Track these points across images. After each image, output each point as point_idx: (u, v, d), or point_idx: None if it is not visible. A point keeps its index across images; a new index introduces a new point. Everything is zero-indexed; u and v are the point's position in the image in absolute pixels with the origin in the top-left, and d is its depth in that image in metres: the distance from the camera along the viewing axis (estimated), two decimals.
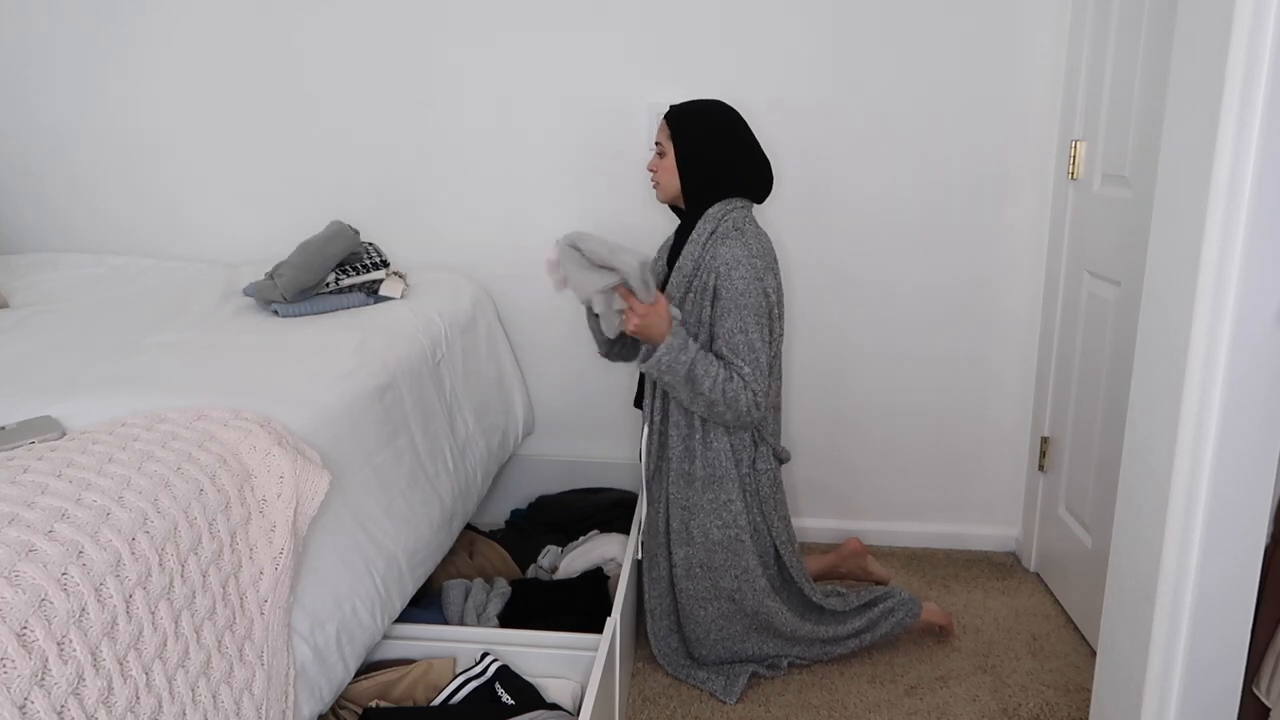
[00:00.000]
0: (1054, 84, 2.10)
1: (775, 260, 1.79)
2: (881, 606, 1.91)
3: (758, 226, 1.79)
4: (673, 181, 1.79)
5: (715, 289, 1.70)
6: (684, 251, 1.76)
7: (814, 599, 1.88)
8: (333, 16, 2.26)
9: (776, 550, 1.86)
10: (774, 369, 1.80)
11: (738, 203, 1.77)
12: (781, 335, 1.81)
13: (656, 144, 1.81)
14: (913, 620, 1.93)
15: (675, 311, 1.70)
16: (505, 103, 2.27)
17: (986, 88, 2.13)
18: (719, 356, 1.71)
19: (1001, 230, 2.21)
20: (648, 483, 1.87)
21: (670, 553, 1.85)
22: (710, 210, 1.76)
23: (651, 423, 1.83)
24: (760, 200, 1.82)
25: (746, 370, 1.69)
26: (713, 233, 1.74)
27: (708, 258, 1.73)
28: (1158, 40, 1.67)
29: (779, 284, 1.77)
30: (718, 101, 1.81)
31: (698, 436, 1.78)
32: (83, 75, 2.38)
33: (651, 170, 1.83)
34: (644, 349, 1.70)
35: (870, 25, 2.12)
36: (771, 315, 1.74)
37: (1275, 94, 1.05)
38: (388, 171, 2.35)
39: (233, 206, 2.42)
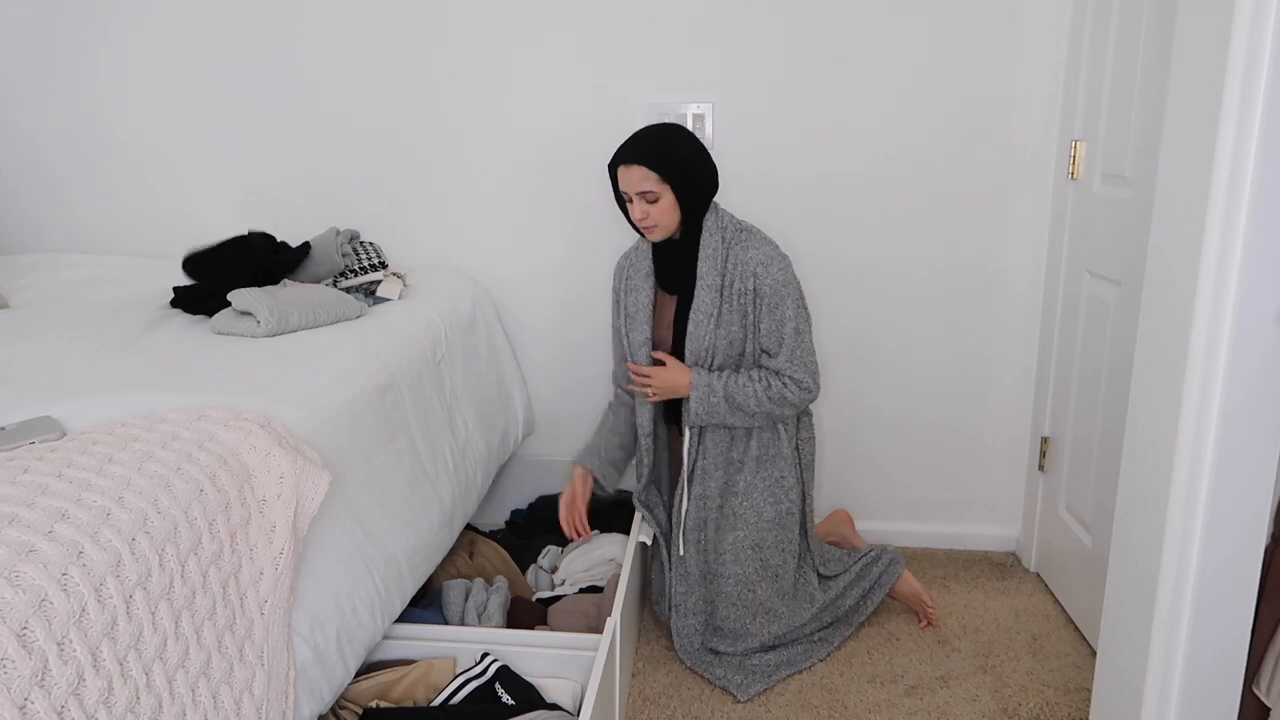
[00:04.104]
0: (1054, 84, 2.10)
1: None
2: (868, 555, 2.02)
3: (743, 219, 1.86)
4: (674, 219, 1.77)
5: (755, 290, 1.76)
6: (703, 269, 1.77)
7: (823, 572, 1.97)
8: (333, 17, 2.26)
9: (804, 513, 1.93)
10: None
11: (717, 206, 1.82)
12: None
13: (642, 194, 1.72)
14: (898, 572, 2.02)
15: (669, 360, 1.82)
16: (505, 102, 2.27)
17: (986, 88, 2.13)
18: (754, 357, 1.81)
19: (1001, 230, 2.21)
20: (688, 482, 1.88)
21: (706, 545, 1.88)
22: (707, 223, 1.79)
23: (692, 429, 1.86)
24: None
25: (782, 361, 1.77)
26: (723, 240, 1.79)
27: (731, 265, 1.77)
28: (1158, 40, 1.67)
29: None
30: (661, 124, 1.79)
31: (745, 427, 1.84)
32: (82, 74, 2.38)
33: (641, 218, 1.75)
34: (685, 413, 1.82)
35: (870, 25, 2.12)
36: (803, 293, 1.83)
37: (1275, 94, 1.05)
38: (388, 171, 2.35)
39: (232, 206, 2.42)
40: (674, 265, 1.83)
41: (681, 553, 1.90)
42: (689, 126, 2.21)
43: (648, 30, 2.18)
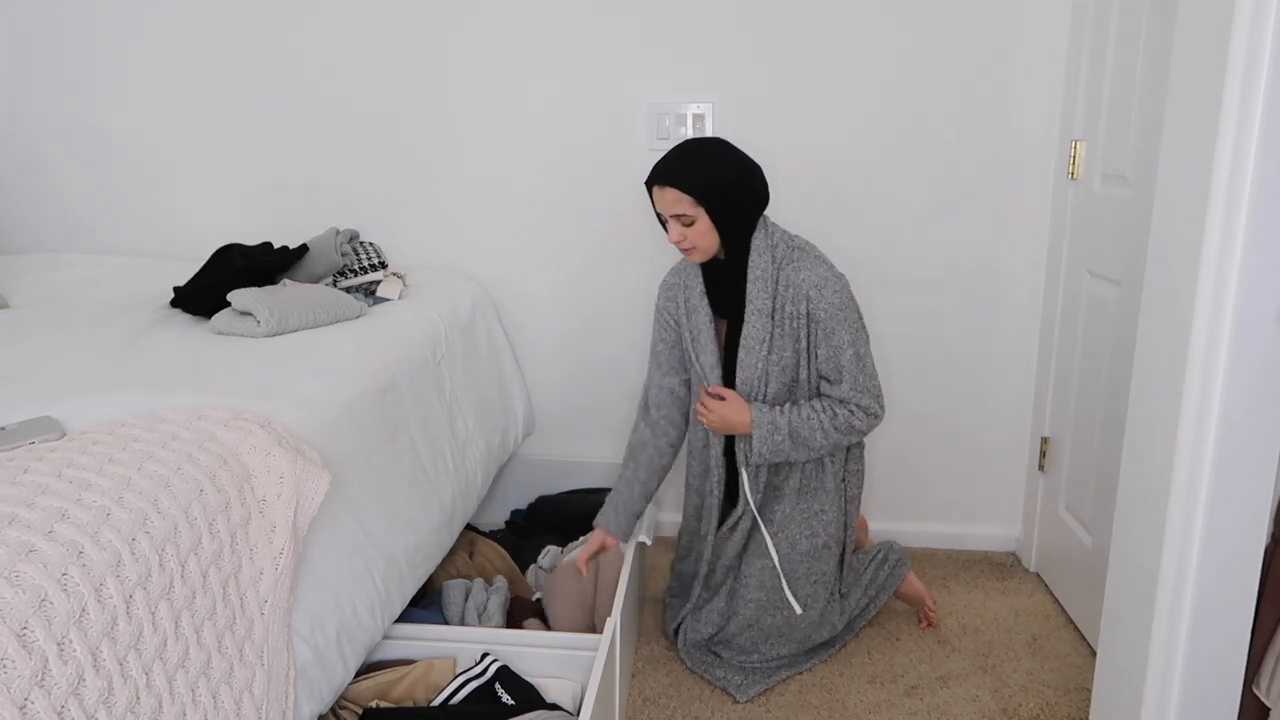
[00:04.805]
0: (1054, 84, 2.10)
1: None
2: (877, 556, 2.01)
3: (796, 235, 1.78)
4: (712, 241, 1.68)
5: (809, 314, 1.68)
6: (753, 292, 1.70)
7: (839, 589, 1.93)
8: (332, 15, 2.26)
9: (844, 548, 1.89)
10: None
11: (764, 222, 1.74)
12: None
13: (676, 216, 1.66)
14: (903, 574, 2.00)
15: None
16: (505, 102, 2.27)
17: (986, 88, 2.13)
18: (810, 383, 1.73)
19: (1001, 230, 2.21)
20: (762, 523, 1.81)
21: (741, 564, 1.84)
22: (755, 243, 1.71)
23: (748, 465, 1.78)
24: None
25: (846, 390, 1.69)
26: (773, 261, 1.71)
27: (782, 288, 1.69)
28: (1158, 40, 1.67)
29: None
30: (697, 140, 1.71)
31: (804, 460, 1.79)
32: (81, 76, 2.38)
33: (679, 241, 1.68)
34: (743, 451, 1.76)
35: (870, 25, 2.12)
36: (860, 314, 1.75)
37: (1275, 94, 1.05)
38: (388, 171, 2.35)
39: (233, 206, 2.42)
40: (722, 287, 1.76)
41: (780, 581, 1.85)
42: (689, 127, 2.21)
43: (648, 30, 2.18)
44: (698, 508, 1.92)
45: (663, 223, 1.72)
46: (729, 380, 1.78)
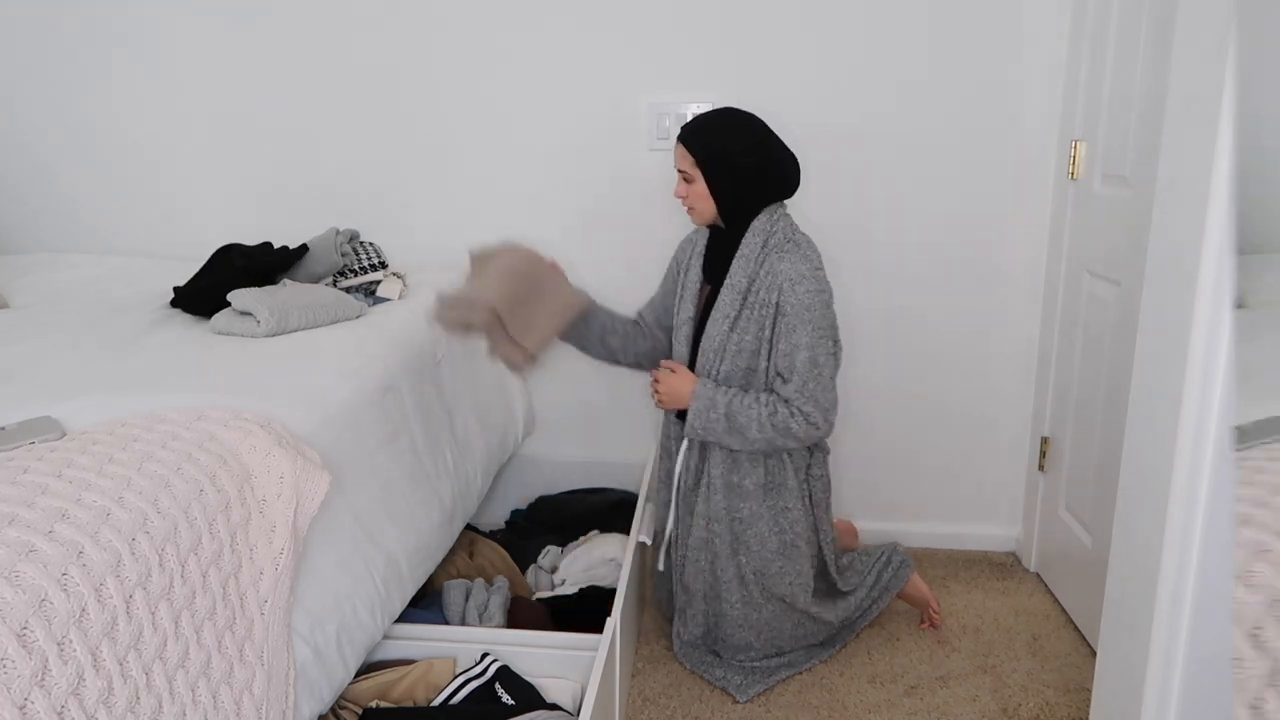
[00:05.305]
0: (1054, 84, 2.10)
1: None
2: (880, 558, 2.01)
3: (803, 233, 1.77)
4: (709, 206, 1.72)
5: (778, 305, 1.68)
6: (734, 267, 1.71)
7: (842, 588, 1.92)
8: (331, 16, 2.26)
9: (821, 551, 1.87)
10: None
11: (778, 208, 1.75)
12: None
13: (680, 171, 1.72)
14: (906, 576, 2.00)
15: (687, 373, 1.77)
16: (505, 102, 2.27)
17: (987, 88, 2.13)
18: (766, 376, 1.72)
19: (1001, 230, 2.21)
20: (685, 496, 1.83)
21: (715, 563, 1.83)
22: (756, 223, 1.71)
23: (691, 442, 1.81)
24: (792, 194, 1.77)
25: (792, 390, 1.67)
26: (764, 245, 1.71)
27: (763, 272, 1.70)
28: (1158, 40, 1.67)
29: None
30: (731, 110, 1.74)
31: (746, 451, 1.76)
32: (83, 74, 2.38)
33: (681, 197, 1.74)
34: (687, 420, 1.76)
35: (870, 25, 2.12)
36: (834, 326, 1.72)
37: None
38: (388, 171, 2.35)
39: (233, 206, 2.42)
40: (717, 256, 1.79)
41: (662, 568, 1.92)
42: None
43: (648, 29, 2.18)
44: (669, 471, 1.92)
45: None
46: (696, 344, 1.80)
